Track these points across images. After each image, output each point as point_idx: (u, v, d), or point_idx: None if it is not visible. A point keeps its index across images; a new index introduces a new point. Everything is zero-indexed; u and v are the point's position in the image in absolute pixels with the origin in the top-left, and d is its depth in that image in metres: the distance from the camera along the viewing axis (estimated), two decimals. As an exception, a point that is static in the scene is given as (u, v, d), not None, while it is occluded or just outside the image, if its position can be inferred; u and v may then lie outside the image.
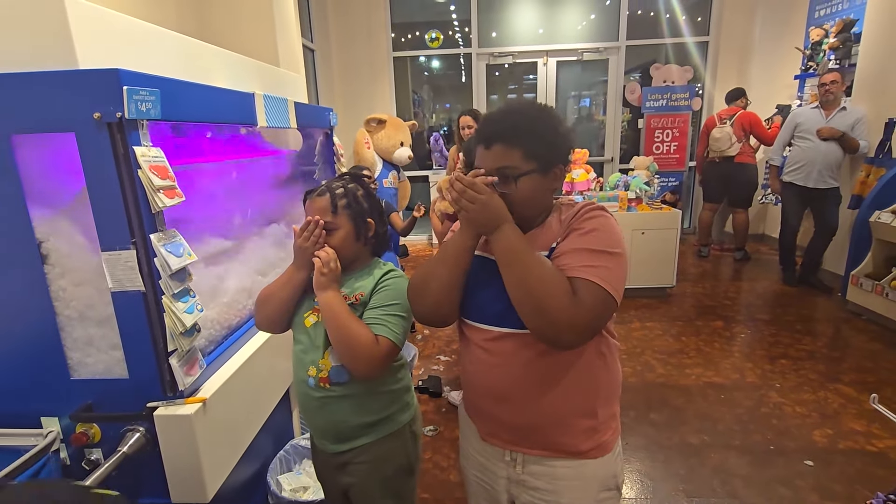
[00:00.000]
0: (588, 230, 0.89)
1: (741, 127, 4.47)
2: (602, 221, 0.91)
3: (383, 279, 1.11)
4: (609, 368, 0.98)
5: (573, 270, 0.85)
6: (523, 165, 0.90)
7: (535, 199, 0.94)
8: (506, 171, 0.90)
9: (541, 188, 0.93)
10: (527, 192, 0.91)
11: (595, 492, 0.97)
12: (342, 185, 1.14)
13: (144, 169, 0.96)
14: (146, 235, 1.00)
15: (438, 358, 2.99)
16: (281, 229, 1.87)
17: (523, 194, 0.91)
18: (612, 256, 0.87)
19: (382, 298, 1.08)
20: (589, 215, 0.92)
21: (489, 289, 0.95)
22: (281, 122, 1.64)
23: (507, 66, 5.92)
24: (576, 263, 0.86)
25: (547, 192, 0.96)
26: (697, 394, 2.52)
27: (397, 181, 4.48)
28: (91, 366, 1.10)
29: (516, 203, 0.91)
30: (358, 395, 1.11)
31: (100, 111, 0.92)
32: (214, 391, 1.15)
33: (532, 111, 0.94)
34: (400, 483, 1.19)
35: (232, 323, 1.41)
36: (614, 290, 0.85)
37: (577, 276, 0.84)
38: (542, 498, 0.98)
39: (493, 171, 0.91)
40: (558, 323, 0.81)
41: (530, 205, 0.94)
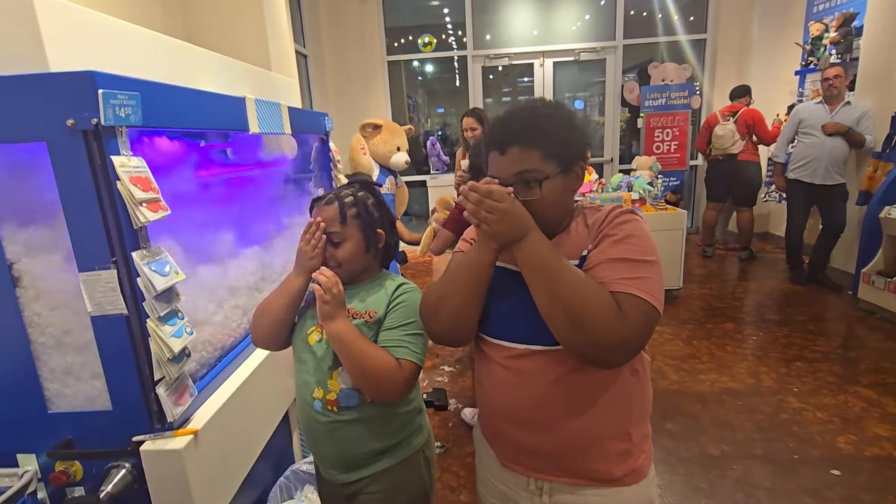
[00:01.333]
0: (622, 237, 0.82)
1: (744, 124, 4.41)
2: (636, 226, 0.84)
3: (397, 295, 1.02)
4: (642, 385, 0.91)
5: (615, 284, 0.78)
6: (544, 168, 0.83)
7: (561, 202, 0.87)
8: (527, 176, 0.83)
9: (564, 190, 0.86)
10: (553, 196, 0.84)
11: None
12: (351, 193, 1.05)
13: (124, 180, 0.87)
14: (128, 254, 0.90)
15: (443, 369, 2.89)
16: (278, 241, 1.78)
17: (550, 199, 0.84)
18: (650, 265, 0.81)
19: (399, 317, 1.00)
20: (620, 220, 0.85)
21: (510, 301, 0.87)
22: (274, 128, 1.56)
23: (503, 68, 5.86)
24: (616, 276, 0.79)
25: (570, 194, 0.89)
26: (713, 401, 2.43)
27: (395, 187, 4.40)
28: (70, 397, 1.00)
29: (542, 210, 0.83)
30: (368, 419, 1.02)
31: (73, 118, 0.83)
32: (207, 421, 1.05)
33: (544, 108, 0.87)
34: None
35: (226, 344, 1.32)
36: (657, 301, 0.79)
37: (621, 291, 0.77)
38: None
39: (512, 178, 0.84)
40: (605, 342, 0.75)
41: (556, 210, 0.87)
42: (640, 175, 3.98)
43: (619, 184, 3.92)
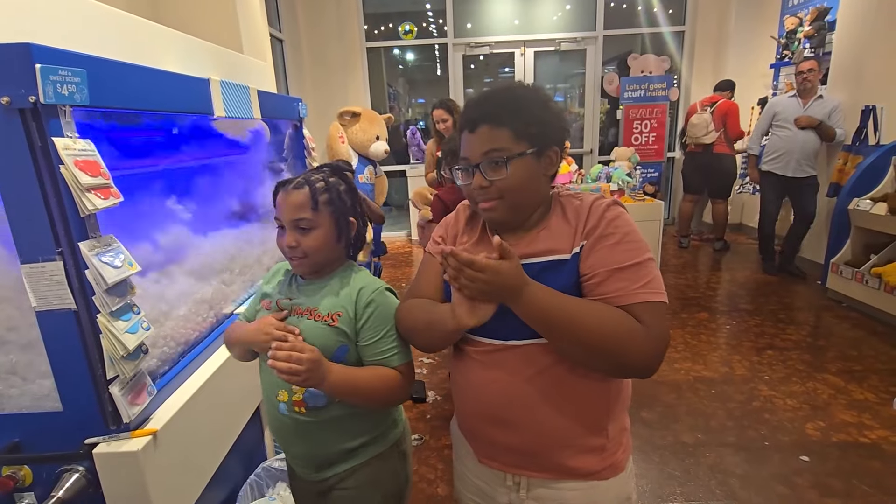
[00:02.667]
0: (619, 240, 0.80)
1: (720, 116, 4.46)
2: (626, 222, 0.82)
3: (367, 303, 0.96)
4: (622, 382, 0.88)
5: (630, 296, 0.76)
6: (514, 147, 0.80)
7: (530, 186, 0.83)
8: (494, 155, 0.81)
9: (535, 173, 0.83)
10: (519, 177, 0.81)
11: None
12: (322, 177, 0.98)
13: (68, 164, 0.80)
14: (75, 244, 0.84)
15: (422, 360, 2.86)
16: (247, 232, 1.71)
17: (515, 181, 0.81)
18: (651, 261, 0.80)
19: (378, 327, 0.96)
20: (610, 215, 0.82)
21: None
22: (242, 112, 1.48)
23: (484, 57, 5.80)
24: (629, 287, 0.77)
25: (542, 179, 0.86)
26: (688, 389, 2.46)
27: (374, 176, 4.31)
28: (16, 398, 0.93)
29: (508, 191, 0.82)
30: (340, 418, 0.98)
31: (8, 95, 0.76)
32: (167, 420, 1.00)
33: (519, 88, 0.85)
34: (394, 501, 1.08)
35: (189, 338, 1.25)
36: (665, 295, 0.79)
37: (638, 302, 0.76)
38: None
39: (480, 157, 0.82)
40: (638, 363, 0.75)
41: (524, 194, 0.84)
42: (618, 166, 4.00)
43: (599, 175, 3.94)
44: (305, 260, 0.96)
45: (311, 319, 0.96)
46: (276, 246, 1.00)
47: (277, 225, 0.98)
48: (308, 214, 0.94)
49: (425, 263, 1.00)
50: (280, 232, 0.97)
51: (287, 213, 0.95)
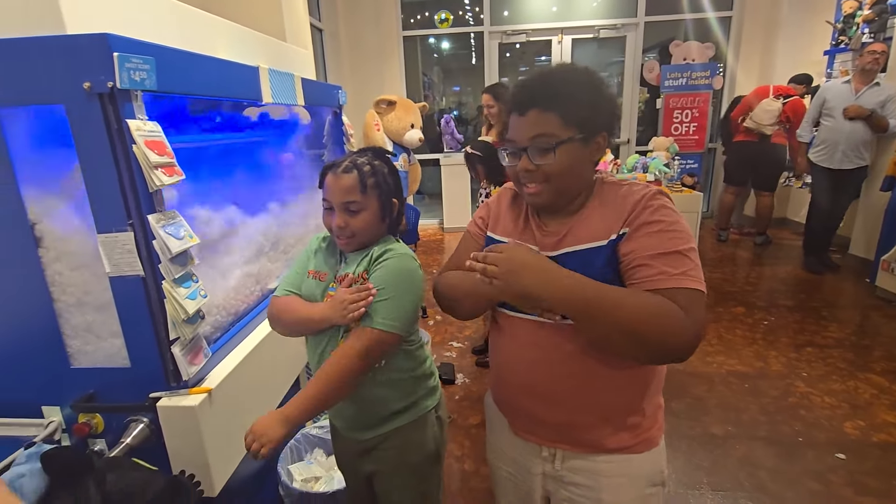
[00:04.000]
0: (663, 228, 0.79)
1: (791, 110, 4.20)
2: (672, 211, 0.82)
3: (379, 259, 1.01)
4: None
5: (673, 280, 0.76)
6: (562, 132, 0.80)
7: (576, 172, 0.83)
8: (542, 141, 0.81)
9: (582, 159, 0.83)
10: (566, 163, 0.81)
11: (641, 488, 0.91)
12: (368, 161, 1.03)
13: (140, 144, 0.89)
14: (144, 217, 0.93)
15: (451, 345, 2.93)
16: (289, 212, 1.80)
17: (562, 166, 0.81)
18: (694, 252, 0.80)
19: (378, 284, 0.99)
20: (655, 205, 0.81)
21: None
22: (287, 99, 1.56)
23: (520, 45, 5.74)
24: (673, 272, 0.77)
25: (588, 165, 0.86)
26: (720, 382, 2.43)
27: (408, 164, 4.38)
28: (91, 354, 1.05)
29: (554, 176, 0.82)
30: (379, 381, 1.05)
31: (90, 81, 0.85)
32: (221, 381, 1.09)
33: (571, 73, 0.84)
34: (426, 470, 1.15)
35: (239, 309, 1.35)
36: (704, 287, 0.79)
37: (680, 287, 0.76)
38: (583, 494, 0.91)
39: (527, 142, 0.82)
40: (677, 348, 0.75)
41: (569, 179, 0.83)
42: (656, 156, 3.92)
43: (635, 165, 3.87)
44: (353, 239, 1.02)
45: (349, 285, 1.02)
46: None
47: (325, 206, 1.03)
48: (357, 197, 0.99)
49: (464, 241, 1.03)
50: (328, 212, 1.03)
51: (337, 196, 1.00)
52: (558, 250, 0.85)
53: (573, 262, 0.82)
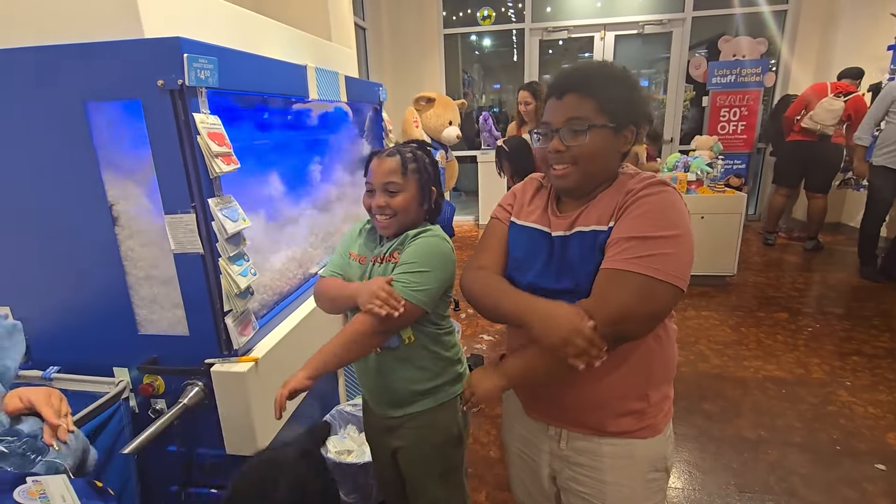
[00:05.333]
0: (641, 212, 0.83)
1: (852, 108, 3.99)
2: (660, 199, 0.84)
3: (413, 237, 1.08)
4: (664, 351, 0.93)
5: (614, 262, 0.81)
6: (596, 118, 0.84)
7: (603, 158, 0.87)
8: (576, 123, 0.85)
9: (610, 147, 0.87)
10: (595, 147, 0.85)
11: (643, 472, 0.94)
12: (411, 150, 1.12)
13: (203, 135, 1.00)
14: (205, 200, 1.04)
15: (482, 337, 2.99)
16: (329, 203, 1.91)
17: (591, 149, 0.85)
18: (668, 240, 0.80)
19: (403, 257, 1.06)
20: (645, 192, 0.84)
21: (538, 264, 0.92)
22: (331, 96, 1.66)
23: (562, 42, 5.69)
24: (625, 255, 0.80)
25: (615, 155, 0.89)
26: (755, 387, 2.37)
27: (445, 161, 4.45)
28: (156, 322, 1.18)
29: (583, 159, 0.86)
30: (410, 360, 1.12)
31: (163, 78, 0.96)
32: (266, 352, 1.20)
33: (609, 68, 0.90)
34: (449, 451, 1.21)
35: (283, 290, 1.47)
36: (674, 277, 0.79)
37: (616, 269, 0.80)
38: (586, 475, 0.96)
39: (562, 123, 0.86)
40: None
41: (596, 164, 0.87)
42: (698, 155, 3.82)
43: (676, 164, 3.79)
44: (393, 219, 1.08)
45: (379, 263, 1.10)
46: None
47: (367, 188, 1.11)
48: (398, 179, 1.08)
49: (492, 229, 1.05)
50: (368, 194, 1.11)
51: (379, 177, 1.08)
52: (570, 230, 0.90)
53: (579, 242, 0.87)
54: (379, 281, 1.03)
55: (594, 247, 0.85)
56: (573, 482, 0.98)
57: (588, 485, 0.95)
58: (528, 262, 0.94)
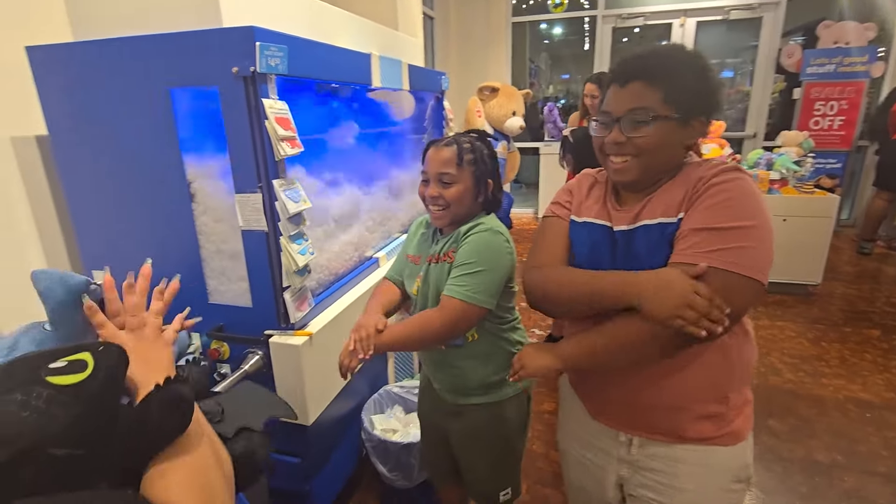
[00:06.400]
0: (715, 202, 0.76)
1: None
2: (734, 186, 0.77)
3: (466, 235, 1.05)
4: (742, 349, 0.86)
5: (692, 256, 0.75)
6: (660, 109, 0.79)
7: (666, 151, 0.82)
8: (638, 114, 0.80)
9: (674, 140, 0.81)
10: (658, 140, 0.80)
11: (724, 482, 0.87)
12: (469, 140, 1.09)
13: (271, 120, 1.06)
14: (270, 181, 1.11)
15: (533, 332, 2.95)
16: (386, 188, 1.96)
17: (653, 141, 0.80)
18: (745, 231, 0.74)
19: (459, 257, 1.04)
20: (717, 180, 0.78)
21: (603, 261, 0.88)
22: (394, 84, 1.70)
23: (638, 29, 5.40)
24: (702, 248, 0.74)
25: (680, 148, 0.83)
26: (834, 408, 2.17)
27: (507, 151, 4.41)
28: (224, 293, 1.27)
29: (644, 151, 0.81)
30: (475, 356, 1.11)
31: (237, 66, 1.03)
32: (320, 328, 1.27)
33: (679, 53, 0.83)
34: (509, 443, 1.19)
35: (339, 271, 1.53)
36: (754, 270, 0.73)
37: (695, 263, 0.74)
38: (659, 481, 0.89)
39: (623, 113, 0.81)
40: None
41: (658, 157, 0.82)
42: (784, 152, 3.50)
43: (757, 161, 3.50)
44: (447, 211, 1.06)
45: (435, 263, 1.10)
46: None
47: (423, 178, 1.10)
48: (452, 170, 1.05)
49: (550, 226, 0.99)
50: (424, 184, 1.10)
51: (434, 167, 1.06)
52: (634, 224, 0.85)
53: (645, 236, 0.82)
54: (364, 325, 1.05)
55: (661, 240, 0.81)
56: (644, 489, 0.91)
57: (661, 492, 0.89)
58: (593, 260, 0.89)
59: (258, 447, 0.70)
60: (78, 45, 1.16)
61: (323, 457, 1.41)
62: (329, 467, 1.45)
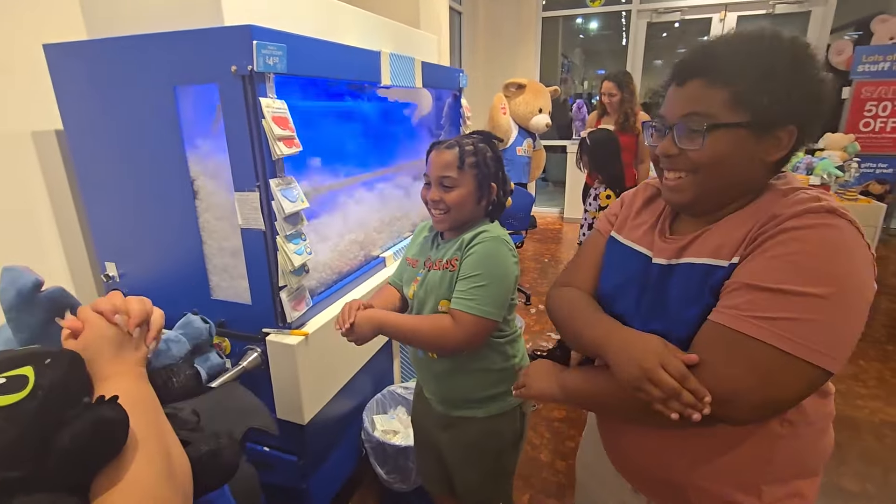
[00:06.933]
0: (784, 252, 0.59)
1: None
2: (817, 236, 0.59)
3: (470, 245, 1.02)
4: (799, 440, 0.68)
5: (744, 321, 0.59)
6: (725, 115, 0.63)
7: (733, 169, 0.65)
8: (693, 121, 0.64)
9: (746, 154, 0.64)
10: (719, 153, 0.63)
11: None
12: (472, 142, 1.05)
13: (268, 119, 1.06)
14: (267, 180, 1.10)
15: (549, 335, 2.88)
16: (395, 188, 1.94)
17: (712, 156, 0.64)
18: (816, 302, 0.57)
19: (465, 268, 1.00)
20: (797, 223, 0.59)
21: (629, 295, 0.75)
22: (406, 82, 1.67)
23: (679, 24, 5.18)
24: (753, 311, 0.59)
25: (757, 164, 0.65)
26: (868, 431, 2.02)
27: (532, 149, 4.32)
28: (225, 289, 1.28)
29: (702, 167, 0.65)
30: (465, 369, 1.08)
31: (235, 65, 1.03)
32: (317, 328, 1.26)
33: (768, 39, 0.63)
34: (501, 457, 1.16)
35: (342, 270, 1.52)
36: (820, 354, 0.57)
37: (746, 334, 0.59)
38: None
39: (677, 119, 0.67)
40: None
41: (721, 176, 0.65)
42: (827, 156, 3.29)
43: (797, 165, 3.31)
44: (447, 215, 1.04)
45: (435, 269, 1.07)
46: (421, 203, 1.12)
47: (425, 181, 1.08)
48: (454, 173, 1.02)
49: (590, 241, 0.91)
50: (426, 187, 1.07)
51: (435, 170, 1.03)
52: (676, 259, 0.70)
53: (684, 277, 0.68)
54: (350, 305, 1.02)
55: (703, 287, 0.66)
56: None
57: None
58: (621, 291, 0.78)
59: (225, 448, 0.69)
60: (90, 43, 1.18)
61: (320, 456, 1.41)
62: (327, 466, 1.46)
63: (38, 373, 0.48)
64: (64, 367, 0.52)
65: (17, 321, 0.62)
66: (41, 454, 0.46)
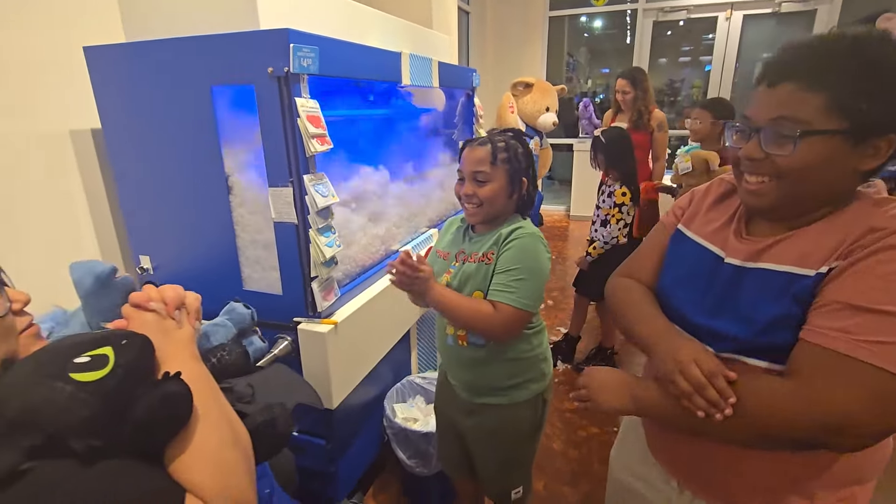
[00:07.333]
0: (884, 273, 0.57)
1: None
2: None
3: (508, 239, 1.06)
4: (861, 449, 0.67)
5: (850, 345, 0.57)
6: (818, 121, 0.60)
7: (821, 178, 0.62)
8: (784, 126, 0.61)
9: (838, 163, 0.61)
10: (809, 161, 0.60)
11: None
12: (504, 139, 1.10)
13: (302, 118, 1.12)
14: (300, 176, 1.16)
15: (559, 329, 2.94)
16: (417, 185, 2.00)
17: (802, 163, 0.61)
18: None
19: (504, 262, 1.05)
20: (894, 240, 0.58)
21: (694, 290, 0.74)
22: (424, 81, 1.73)
23: (684, 22, 5.22)
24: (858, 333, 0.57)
25: (848, 174, 0.62)
26: None
27: (539, 148, 4.38)
28: (257, 280, 1.35)
29: (789, 174, 0.62)
30: (494, 358, 1.13)
31: (272, 66, 1.09)
32: (345, 318, 1.32)
33: (867, 41, 0.59)
34: (522, 444, 1.21)
35: (366, 264, 1.58)
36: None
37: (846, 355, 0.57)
38: None
39: (766, 123, 0.63)
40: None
41: (809, 184, 0.63)
42: None
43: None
44: (480, 209, 1.09)
45: (470, 262, 1.12)
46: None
47: (459, 176, 1.13)
48: (486, 168, 1.07)
49: (654, 233, 0.90)
50: (460, 182, 1.13)
51: (468, 166, 1.09)
52: (750, 263, 0.69)
53: (760, 283, 0.67)
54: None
55: (783, 294, 0.64)
56: None
57: None
58: (683, 285, 0.77)
59: (278, 417, 0.75)
60: (130, 45, 1.24)
61: (347, 440, 1.48)
62: (353, 451, 1.52)
63: (117, 352, 0.54)
64: (138, 347, 0.58)
65: (95, 305, 0.68)
66: (118, 425, 0.52)
